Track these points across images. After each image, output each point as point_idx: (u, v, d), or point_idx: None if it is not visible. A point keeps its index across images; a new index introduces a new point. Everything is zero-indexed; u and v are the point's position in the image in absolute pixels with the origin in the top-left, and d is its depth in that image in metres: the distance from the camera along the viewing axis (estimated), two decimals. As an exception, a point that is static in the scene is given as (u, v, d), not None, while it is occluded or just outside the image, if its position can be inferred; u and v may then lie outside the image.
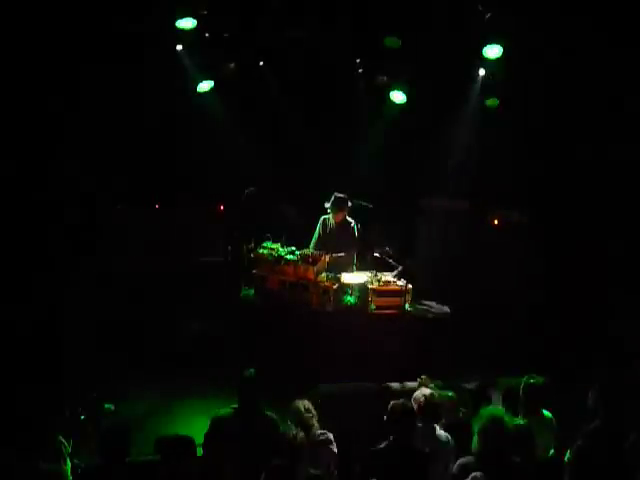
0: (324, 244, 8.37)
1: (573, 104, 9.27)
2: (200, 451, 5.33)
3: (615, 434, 5.15)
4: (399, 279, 8.03)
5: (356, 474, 5.22)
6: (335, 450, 5.40)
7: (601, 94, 8.98)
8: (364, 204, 8.57)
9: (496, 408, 5.02)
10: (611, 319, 8.83)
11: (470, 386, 6.98)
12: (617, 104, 8.96)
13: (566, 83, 9.19)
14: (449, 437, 5.46)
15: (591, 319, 8.82)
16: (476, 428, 4.92)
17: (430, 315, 8.16)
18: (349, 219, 8.38)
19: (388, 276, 8.09)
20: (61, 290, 8.73)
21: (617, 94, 8.92)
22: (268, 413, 5.47)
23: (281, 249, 8.25)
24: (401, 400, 5.23)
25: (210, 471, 4.94)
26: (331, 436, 5.42)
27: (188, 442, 5.03)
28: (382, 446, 5.11)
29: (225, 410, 5.43)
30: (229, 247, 9.47)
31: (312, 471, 4.77)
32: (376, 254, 8.24)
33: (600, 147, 9.27)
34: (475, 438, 4.89)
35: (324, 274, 8.01)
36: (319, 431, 5.40)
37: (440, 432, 5.46)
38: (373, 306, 7.88)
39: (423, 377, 6.21)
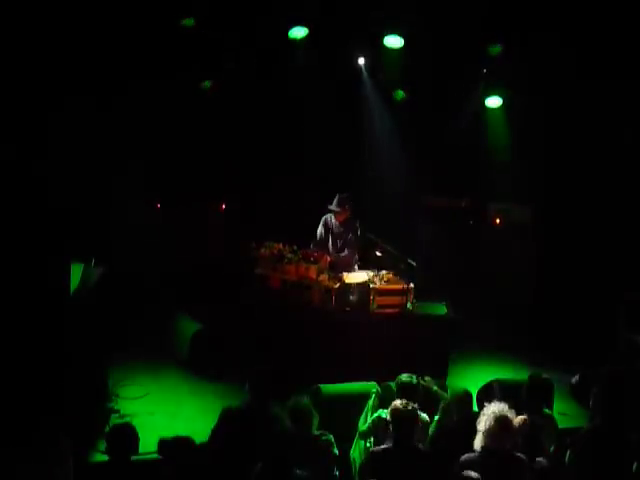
0: (326, 243, 8.38)
1: (574, 102, 9.28)
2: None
3: (615, 434, 5.16)
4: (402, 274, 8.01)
5: (357, 474, 5.24)
6: (336, 451, 5.40)
7: (602, 91, 8.99)
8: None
9: (498, 406, 5.02)
10: (613, 317, 8.84)
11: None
12: (618, 101, 8.98)
13: (567, 81, 9.20)
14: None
15: (592, 318, 8.83)
16: (479, 426, 4.94)
17: (432, 314, 8.16)
18: (351, 218, 8.39)
19: (390, 274, 8.09)
20: (61, 290, 8.73)
21: (618, 92, 8.94)
22: (277, 410, 5.49)
23: (283, 248, 8.25)
24: (402, 400, 5.24)
25: (215, 466, 4.94)
26: (332, 437, 5.42)
27: (189, 442, 5.03)
28: (383, 446, 5.13)
29: (234, 404, 5.45)
30: (230, 246, 9.47)
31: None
32: (378, 252, 8.22)
33: (601, 144, 9.29)
34: (477, 436, 4.91)
35: (326, 273, 8.01)
36: (319, 431, 5.40)
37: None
38: (375, 305, 7.88)
39: (427, 378, 6.20)
